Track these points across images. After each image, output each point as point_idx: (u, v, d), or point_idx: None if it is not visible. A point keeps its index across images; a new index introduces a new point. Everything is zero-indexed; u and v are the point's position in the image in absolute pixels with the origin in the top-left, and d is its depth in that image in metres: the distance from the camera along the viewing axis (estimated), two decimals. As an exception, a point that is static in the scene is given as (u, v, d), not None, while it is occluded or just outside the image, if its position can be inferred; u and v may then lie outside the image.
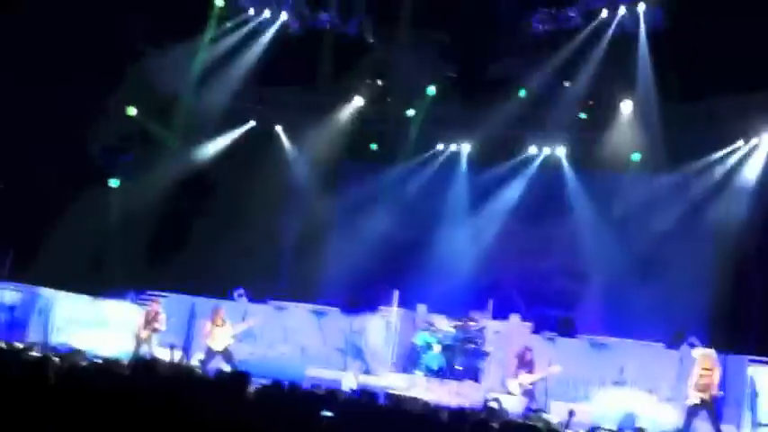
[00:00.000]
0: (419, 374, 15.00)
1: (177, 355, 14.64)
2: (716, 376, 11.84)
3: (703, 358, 12.06)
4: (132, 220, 17.46)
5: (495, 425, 7.76)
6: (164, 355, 13.22)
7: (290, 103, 19.29)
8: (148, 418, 5.01)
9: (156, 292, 16.08)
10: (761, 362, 12.93)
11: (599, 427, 9.55)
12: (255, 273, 17.82)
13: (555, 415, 12.06)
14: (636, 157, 17.24)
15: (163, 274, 16.75)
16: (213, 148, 18.95)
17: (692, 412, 11.84)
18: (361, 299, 16.74)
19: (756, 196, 15.80)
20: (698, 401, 11.78)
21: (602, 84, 17.00)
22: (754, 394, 12.57)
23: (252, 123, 19.23)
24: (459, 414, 7.94)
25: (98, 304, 16.06)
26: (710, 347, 13.26)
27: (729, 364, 13.31)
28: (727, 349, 13.66)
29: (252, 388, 8.36)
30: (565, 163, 18.18)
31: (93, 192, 17.08)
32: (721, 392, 11.99)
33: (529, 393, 13.28)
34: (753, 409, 12.55)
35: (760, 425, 12.34)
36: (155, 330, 14.21)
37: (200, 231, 17.71)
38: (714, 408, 11.82)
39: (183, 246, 17.30)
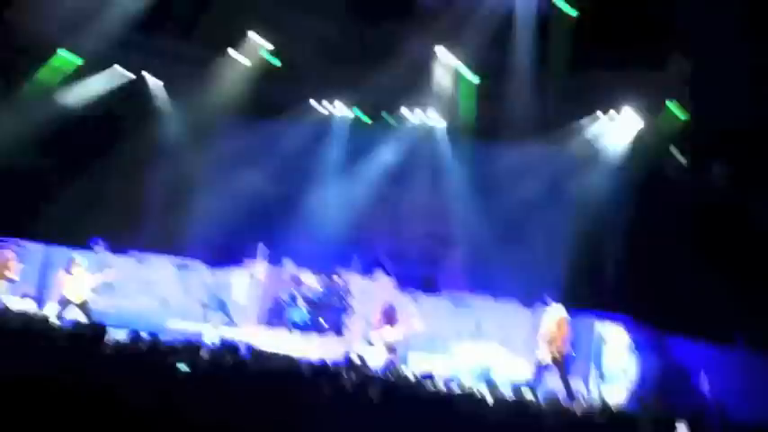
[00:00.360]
0: (283, 329, 15.06)
1: (30, 306, 14.07)
2: (565, 332, 12.52)
3: (554, 315, 12.72)
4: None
5: (354, 378, 7.93)
6: (15, 304, 12.65)
7: (164, 52, 18.57)
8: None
9: (7, 239, 15.26)
10: (607, 317, 13.68)
11: (455, 379, 9.90)
12: (118, 225, 17.22)
13: (414, 368, 12.41)
14: (505, 125, 17.70)
15: (17, 224, 15.91)
16: (81, 94, 18.10)
17: (543, 366, 12.50)
18: (225, 252, 16.56)
19: (614, 168, 16.59)
20: (548, 356, 12.44)
21: (476, 52, 17.26)
22: (601, 350, 13.35)
23: (124, 72, 18.43)
24: (320, 368, 8.04)
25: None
26: (562, 306, 14.01)
27: (579, 321, 14.10)
28: (578, 307, 14.47)
29: (109, 339, 8.18)
30: (438, 128, 18.48)
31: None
32: (570, 348, 12.69)
33: (390, 347, 13.60)
34: (598, 364, 13.33)
35: (603, 380, 13.13)
36: (5, 278, 13.54)
37: (59, 182, 16.91)
38: (563, 362, 12.51)
39: (40, 196, 16.49)
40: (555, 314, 12.73)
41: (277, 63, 18.51)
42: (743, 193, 14.05)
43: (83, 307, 13.46)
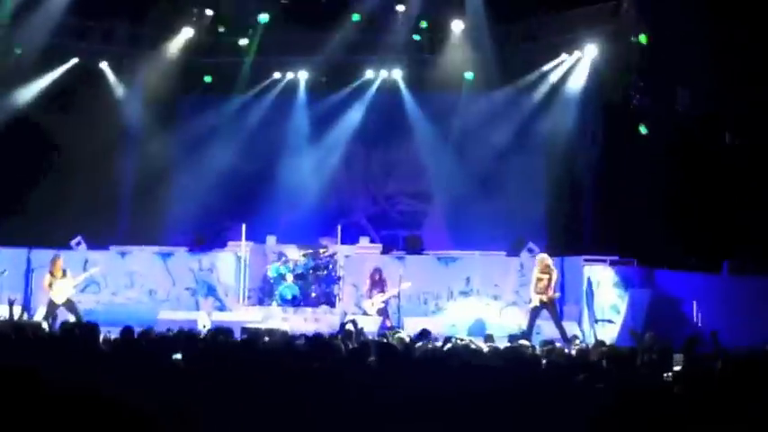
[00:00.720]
0: (274, 306, 15.07)
1: (17, 311, 13.96)
2: (553, 278, 12.66)
3: (540, 263, 12.85)
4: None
5: (351, 346, 7.96)
6: (1, 311, 12.55)
7: (116, 37, 18.22)
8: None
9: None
10: (594, 260, 13.81)
11: (452, 337, 9.97)
12: (93, 219, 17.03)
13: (409, 331, 12.47)
14: (469, 76, 17.68)
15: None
16: (34, 89, 17.68)
17: (535, 314, 12.64)
18: (207, 235, 16.48)
19: (581, 106, 16.62)
20: (538, 303, 12.58)
21: (433, 6, 17.17)
22: (591, 292, 13.48)
23: (75, 60, 18.03)
24: (316, 340, 8.06)
25: None
26: (548, 252, 14.11)
27: (567, 265, 14.23)
28: (564, 252, 14.58)
29: (101, 337, 8.14)
30: (402, 86, 18.37)
31: None
32: (558, 293, 12.83)
33: (383, 312, 13.67)
34: (590, 305, 13.47)
35: (596, 320, 13.29)
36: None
37: (28, 182, 16.61)
38: (555, 307, 12.66)
39: (10, 197, 16.23)
40: (540, 262, 12.85)
41: (244, 42, 18.23)
42: (711, 116, 14.11)
43: (70, 306, 13.39)
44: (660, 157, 13.94)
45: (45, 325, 11.74)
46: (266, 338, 9.05)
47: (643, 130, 14.23)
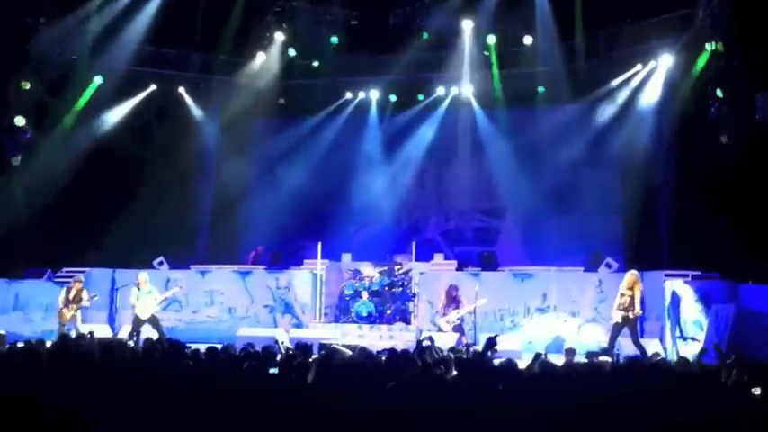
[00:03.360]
0: (351, 323, 15.19)
1: (105, 331, 14.44)
2: (636, 295, 12.36)
3: (625, 279, 12.58)
4: (39, 199, 16.84)
5: (428, 362, 7.98)
6: (90, 331, 12.95)
7: (191, 63, 18.80)
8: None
9: (74, 269, 15.66)
10: (675, 275, 13.47)
11: (542, 354, 9.85)
12: (174, 241, 17.57)
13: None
14: (540, 90, 17.59)
15: (79, 251, 16.31)
16: (115, 116, 18.34)
17: (616, 331, 12.39)
18: (283, 255, 16.76)
19: (656, 118, 16.33)
20: (620, 320, 12.32)
21: (502, 21, 17.15)
22: (676, 307, 13.13)
23: (153, 87, 18.65)
24: (393, 356, 8.10)
25: (15, 287, 15.60)
26: (627, 267, 13.85)
27: (647, 281, 13.92)
28: (642, 267, 14.28)
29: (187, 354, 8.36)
30: (473, 102, 18.39)
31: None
32: (641, 311, 12.53)
33: (459, 329, 13.61)
34: (677, 321, 13.10)
35: (684, 338, 12.90)
36: (78, 307, 13.88)
37: (111, 205, 17.19)
38: (635, 325, 12.38)
39: (96, 220, 16.82)
40: (625, 278, 12.58)
41: (316, 64, 18.55)
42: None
43: (154, 323, 13.76)
44: (740, 167, 13.56)
45: (131, 342, 12.11)
46: (344, 353, 9.14)
47: (723, 140, 13.86)
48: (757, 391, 6.62)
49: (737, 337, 11.06)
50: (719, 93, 14.40)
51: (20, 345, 8.97)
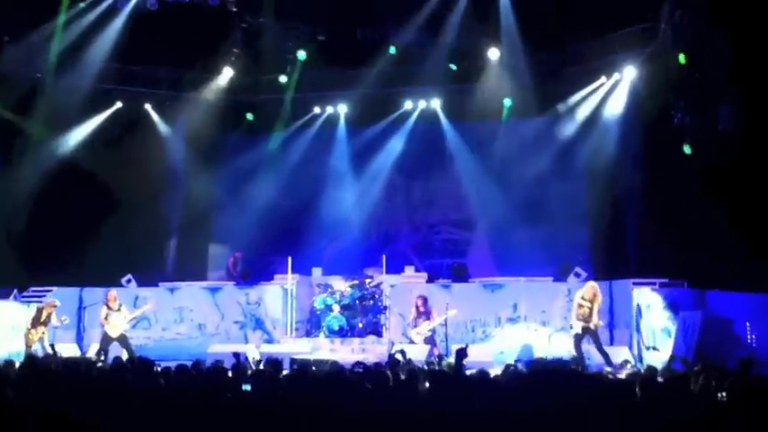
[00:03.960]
0: (322, 337, 15.15)
1: (73, 350, 14.26)
2: (596, 307, 12.51)
3: (583, 290, 12.73)
4: (5, 218, 16.63)
5: (402, 375, 7.98)
6: (59, 350, 12.78)
7: (158, 80, 18.71)
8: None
9: (41, 288, 15.45)
10: (643, 283, 13.62)
11: (497, 363, 9.87)
12: (142, 258, 17.41)
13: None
14: (507, 103, 17.76)
15: (45, 270, 16.09)
16: (81, 134, 18.18)
17: (579, 340, 12.51)
18: (253, 270, 16.68)
19: (621, 129, 16.54)
20: (580, 330, 12.46)
21: (468, 35, 17.29)
22: (639, 315, 13.29)
23: (119, 104, 18.53)
24: (365, 370, 8.09)
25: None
26: (595, 276, 13.98)
27: (615, 289, 14.09)
28: (611, 276, 14.43)
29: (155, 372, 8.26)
30: (441, 115, 18.51)
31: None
32: (601, 322, 12.68)
33: (430, 340, 13.63)
34: (639, 329, 13.27)
35: (646, 347, 13.06)
36: (46, 330, 13.70)
37: (77, 223, 17.00)
38: (597, 334, 12.52)
39: (62, 239, 16.61)
40: (583, 289, 12.74)
41: (283, 79, 18.54)
42: (756, 132, 13.88)
43: (123, 342, 13.62)
44: (704, 176, 13.77)
45: (99, 362, 11.96)
46: (316, 368, 9.11)
47: (687, 149, 14.07)
48: (723, 396, 6.70)
49: (705, 344, 11.20)
50: (682, 103, 14.67)
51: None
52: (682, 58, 14.40)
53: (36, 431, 4.50)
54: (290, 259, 15.82)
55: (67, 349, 14.45)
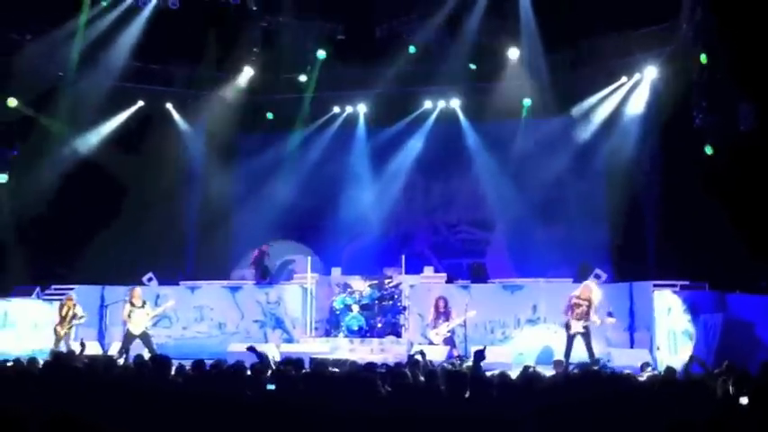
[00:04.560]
0: (341, 337, 15.18)
1: (95, 348, 14.37)
2: (594, 304, 12.49)
3: (578, 290, 12.71)
4: (25, 216, 16.79)
5: (420, 375, 7.99)
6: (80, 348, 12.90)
7: (179, 79, 18.82)
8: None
9: (63, 286, 15.59)
10: (664, 285, 13.54)
11: (530, 366, 9.88)
12: (162, 257, 17.53)
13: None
14: (527, 103, 17.71)
15: (68, 268, 16.26)
16: (102, 132, 18.33)
17: (587, 339, 12.49)
18: (273, 269, 16.75)
19: (641, 129, 16.46)
20: (581, 329, 12.44)
21: (488, 34, 17.26)
22: (659, 317, 13.21)
23: (140, 103, 18.66)
24: (385, 370, 8.10)
25: (3, 305, 15.51)
26: (615, 277, 13.91)
27: (635, 291, 14.01)
28: (632, 277, 14.34)
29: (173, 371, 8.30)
30: (460, 115, 18.48)
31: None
32: (599, 321, 12.65)
33: (449, 341, 13.62)
34: (659, 331, 13.19)
35: (658, 348, 13.00)
36: (71, 325, 13.85)
37: (98, 221, 17.14)
38: (588, 335, 12.49)
39: (83, 238, 16.75)
40: (581, 288, 12.74)
41: (303, 78, 18.57)
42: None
43: (145, 339, 13.70)
44: (725, 176, 13.66)
45: (121, 360, 12.07)
46: (335, 368, 9.12)
47: (708, 150, 13.97)
48: (744, 400, 6.66)
49: (726, 347, 11.12)
50: (704, 103, 14.55)
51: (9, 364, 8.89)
52: (703, 57, 14.30)
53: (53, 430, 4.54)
54: (309, 259, 15.87)
55: (90, 348, 14.54)
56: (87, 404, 6.19)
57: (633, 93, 16.67)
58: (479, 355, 8.40)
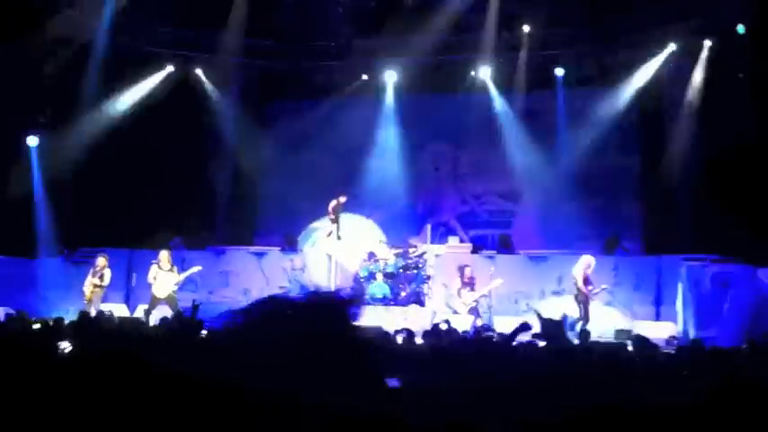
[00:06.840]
0: (365, 305, 15.17)
1: (122, 310, 14.54)
2: (581, 275, 12.71)
3: (581, 262, 12.70)
4: (56, 180, 16.92)
5: (445, 344, 7.96)
6: (109, 309, 13.06)
7: (209, 45, 18.75)
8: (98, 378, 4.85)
9: (91, 249, 15.72)
10: (695, 259, 13.34)
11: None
12: (190, 222, 17.60)
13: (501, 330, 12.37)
14: (560, 72, 17.44)
15: (96, 232, 16.37)
16: (132, 98, 18.34)
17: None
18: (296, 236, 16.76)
19: (678, 100, 16.15)
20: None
21: (521, 2, 16.98)
22: (689, 291, 13.03)
23: (170, 68, 18.64)
24: (409, 337, 8.09)
25: (31, 266, 15.68)
26: (645, 251, 13.75)
27: (664, 265, 13.83)
28: (661, 251, 14.17)
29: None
30: (490, 84, 18.24)
31: (11, 152, 16.51)
32: (590, 288, 12.71)
33: (474, 311, 13.59)
34: (688, 305, 13.01)
35: (696, 319, 12.82)
36: (98, 287, 13.97)
37: (128, 186, 17.22)
38: (584, 302, 12.65)
39: (113, 201, 16.85)
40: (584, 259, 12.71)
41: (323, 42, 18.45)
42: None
43: (170, 303, 13.78)
44: (762, 151, 13.40)
45: (146, 320, 12.18)
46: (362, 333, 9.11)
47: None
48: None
49: (756, 323, 10.97)
50: (740, 75, 14.27)
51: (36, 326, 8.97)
52: (741, 28, 14.00)
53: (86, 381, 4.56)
54: (335, 226, 15.84)
55: (117, 310, 14.70)
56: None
57: (669, 64, 16.33)
58: (524, 326, 8.34)
